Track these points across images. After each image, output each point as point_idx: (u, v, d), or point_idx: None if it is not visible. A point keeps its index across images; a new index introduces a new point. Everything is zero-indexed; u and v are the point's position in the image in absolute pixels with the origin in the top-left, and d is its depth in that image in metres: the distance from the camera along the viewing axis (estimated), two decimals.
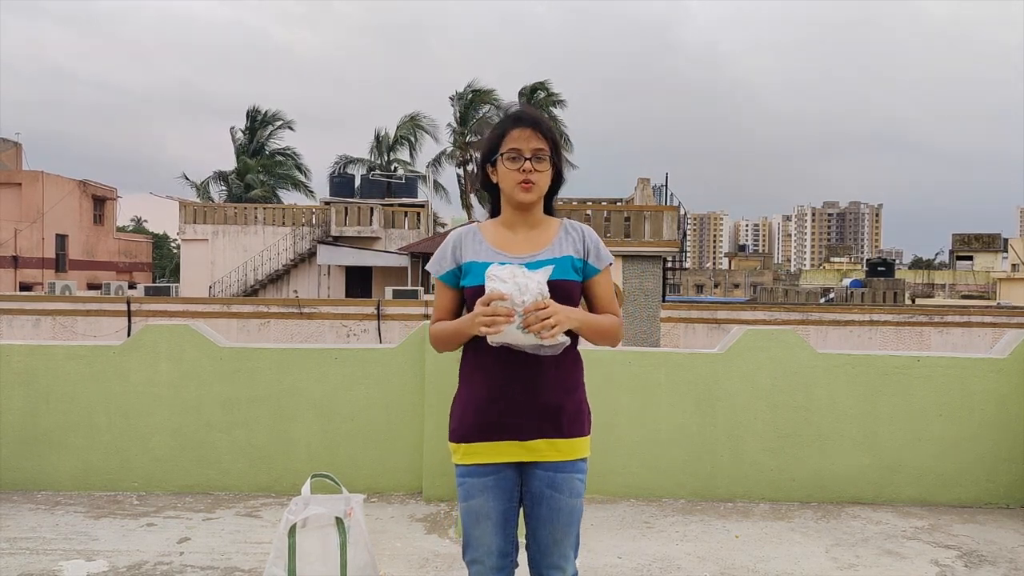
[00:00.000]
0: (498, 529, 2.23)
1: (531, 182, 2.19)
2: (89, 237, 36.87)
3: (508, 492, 2.23)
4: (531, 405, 2.17)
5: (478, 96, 38.75)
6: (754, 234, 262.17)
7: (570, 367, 2.24)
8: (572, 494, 2.21)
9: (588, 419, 2.29)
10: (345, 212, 29.74)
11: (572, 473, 2.21)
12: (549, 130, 2.23)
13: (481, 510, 2.22)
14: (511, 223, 2.27)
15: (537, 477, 2.21)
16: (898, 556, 4.01)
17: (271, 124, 42.43)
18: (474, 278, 2.19)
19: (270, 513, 4.55)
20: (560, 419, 2.20)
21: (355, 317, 18.83)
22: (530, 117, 2.24)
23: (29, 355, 4.99)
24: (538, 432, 2.19)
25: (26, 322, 18.66)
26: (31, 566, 3.71)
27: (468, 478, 2.22)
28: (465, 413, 2.24)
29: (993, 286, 46.36)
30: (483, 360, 2.20)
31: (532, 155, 2.19)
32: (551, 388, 2.18)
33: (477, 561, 2.25)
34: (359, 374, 4.99)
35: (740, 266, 75.40)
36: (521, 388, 2.17)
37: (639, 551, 4.03)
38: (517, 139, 2.20)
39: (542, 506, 2.21)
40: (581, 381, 2.29)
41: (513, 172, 2.20)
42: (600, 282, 2.26)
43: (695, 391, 4.94)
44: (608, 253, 2.29)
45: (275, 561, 2.82)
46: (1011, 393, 4.92)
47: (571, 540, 2.25)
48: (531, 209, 2.26)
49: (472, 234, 2.29)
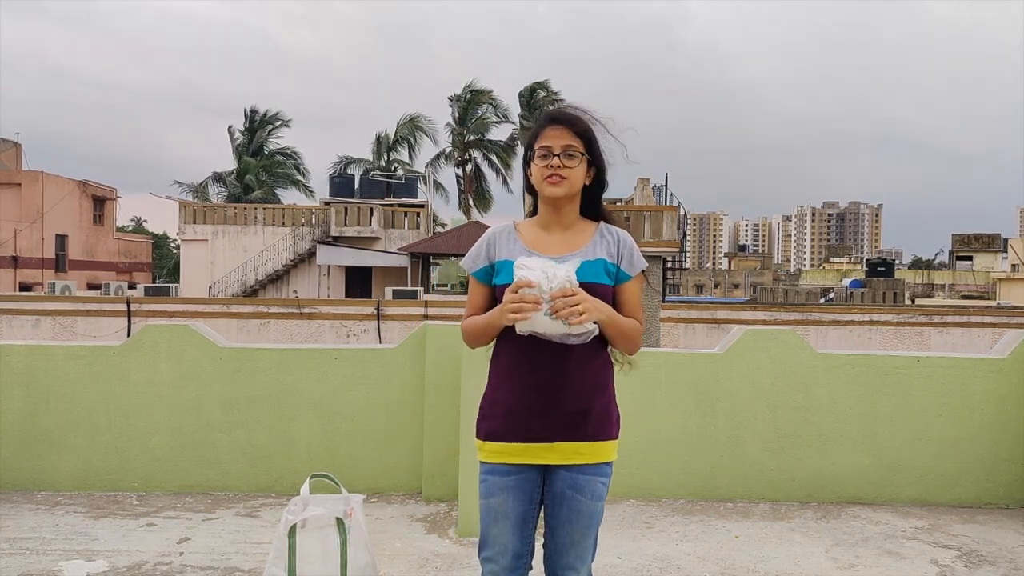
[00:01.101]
0: (515, 530, 2.23)
1: (559, 176, 2.18)
2: (89, 237, 36.86)
3: (529, 494, 2.23)
4: (558, 407, 2.17)
5: (476, 96, 38.76)
6: (754, 234, 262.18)
7: (599, 369, 2.24)
8: (594, 497, 2.21)
9: (616, 423, 2.29)
10: (345, 212, 29.75)
11: (595, 476, 2.22)
12: (584, 129, 2.21)
13: (500, 509, 2.22)
14: (547, 223, 2.27)
15: (560, 478, 2.21)
16: (898, 556, 4.01)
17: (270, 124, 42.43)
18: (506, 276, 2.18)
19: (270, 513, 4.55)
20: (586, 422, 2.20)
21: (355, 317, 18.84)
22: (564, 115, 2.23)
23: (29, 355, 4.99)
24: (563, 435, 2.19)
25: (26, 322, 18.66)
26: (31, 566, 3.71)
27: (491, 476, 2.23)
28: (493, 412, 2.24)
29: (993, 286, 46.35)
30: (512, 359, 2.21)
31: (562, 151, 2.18)
32: (578, 390, 2.18)
33: (491, 560, 2.25)
34: (359, 374, 4.98)
35: (740, 266, 75.38)
36: (549, 390, 2.17)
37: (639, 551, 4.03)
38: (549, 137, 2.20)
39: (563, 507, 2.21)
40: (610, 384, 2.29)
41: (542, 168, 2.20)
42: (629, 288, 2.25)
43: (695, 391, 4.94)
44: (642, 260, 2.27)
45: (275, 561, 2.82)
46: (1011, 393, 4.92)
47: (589, 543, 2.24)
48: (564, 208, 2.24)
49: (508, 233, 2.29)
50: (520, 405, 2.19)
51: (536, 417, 2.18)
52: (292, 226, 29.93)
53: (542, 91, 39.32)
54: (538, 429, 2.18)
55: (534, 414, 2.18)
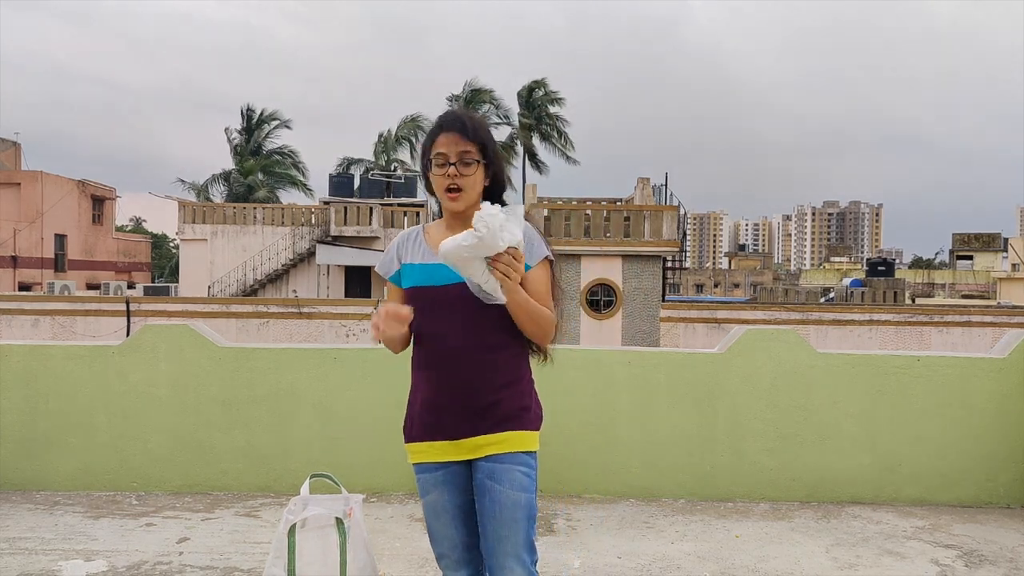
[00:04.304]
0: (456, 522, 2.28)
1: (457, 188, 2.19)
2: (88, 237, 36.87)
3: (460, 487, 2.27)
4: (466, 406, 2.21)
5: (476, 95, 38.73)
6: (754, 234, 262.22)
7: (508, 361, 2.24)
8: (514, 486, 2.19)
9: (534, 414, 2.28)
10: (344, 212, 29.73)
11: (512, 465, 2.21)
12: (476, 132, 2.21)
13: (437, 504, 2.28)
14: (451, 224, 2.28)
15: (479, 469, 2.23)
16: (898, 556, 4.01)
17: (268, 123, 42.38)
18: (409, 280, 2.26)
19: (269, 513, 4.54)
20: (495, 416, 2.21)
21: (354, 317, 18.84)
22: (456, 120, 2.22)
23: (28, 355, 4.99)
24: (473, 431, 2.21)
25: (25, 322, 18.66)
26: (30, 566, 3.71)
27: (421, 475, 2.31)
28: (410, 414, 2.33)
29: (993, 286, 46.39)
30: (423, 361, 2.27)
31: (457, 159, 2.19)
32: (486, 388, 2.21)
33: (444, 555, 2.31)
34: (359, 374, 4.98)
35: (740, 266, 75.41)
36: (456, 387, 2.21)
37: (639, 551, 4.03)
38: (443, 144, 2.20)
39: (485, 498, 2.22)
40: (524, 376, 2.29)
41: (439, 177, 2.21)
42: (534, 276, 2.21)
43: (695, 391, 4.93)
44: (544, 248, 2.24)
45: (274, 561, 2.81)
46: (1011, 393, 4.91)
47: (519, 537, 2.20)
48: (466, 212, 2.23)
49: (414, 236, 2.33)
50: (430, 404, 2.25)
51: (445, 414, 2.23)
52: (291, 226, 29.91)
53: (540, 89, 39.29)
54: (448, 426, 2.23)
55: (443, 411, 2.23)
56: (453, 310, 2.19)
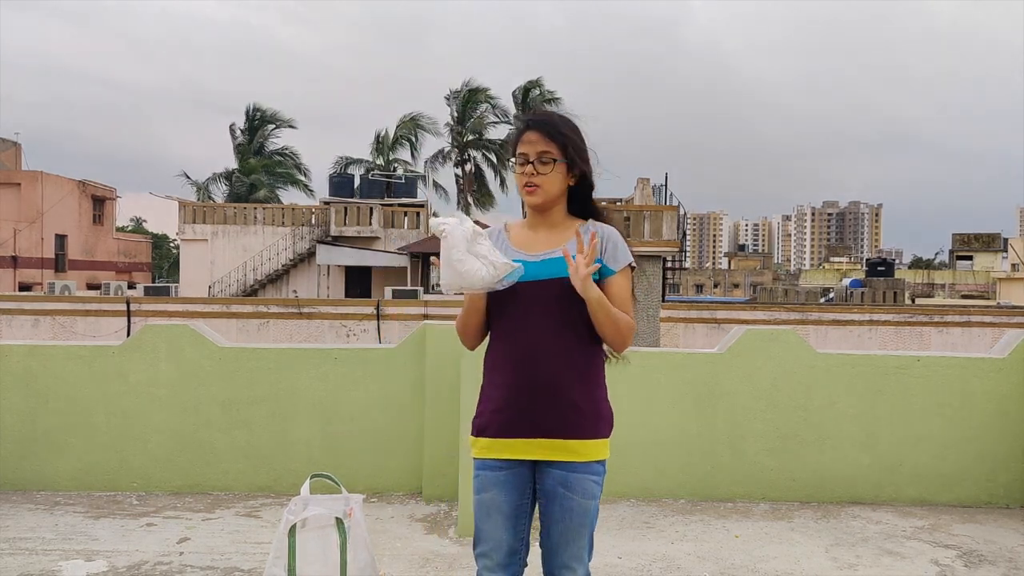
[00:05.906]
0: (508, 524, 2.25)
1: (534, 185, 2.22)
2: (88, 237, 36.85)
3: (520, 488, 2.25)
4: (545, 404, 2.19)
5: (474, 95, 38.72)
6: (754, 234, 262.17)
7: (588, 365, 2.25)
8: (585, 495, 2.21)
9: (607, 421, 2.29)
10: (344, 212, 29.72)
11: (585, 474, 2.22)
12: (559, 132, 2.23)
13: (493, 503, 2.24)
14: (533, 224, 2.32)
15: (551, 476, 2.22)
16: (898, 556, 4.01)
17: (271, 123, 42.38)
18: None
19: (270, 513, 4.55)
20: (575, 420, 2.20)
21: (355, 317, 18.82)
22: (538, 120, 2.27)
23: (28, 355, 4.99)
24: (551, 432, 2.20)
25: (25, 322, 18.64)
26: (31, 566, 3.71)
27: (483, 471, 2.26)
28: (483, 408, 2.28)
29: (993, 286, 46.35)
30: (501, 355, 2.24)
31: (536, 158, 2.22)
32: (567, 387, 2.20)
33: (485, 555, 2.27)
34: (359, 374, 4.98)
35: (740, 266, 75.38)
36: (536, 386, 2.19)
37: (639, 551, 4.03)
38: (525, 143, 2.24)
39: (555, 504, 2.22)
40: (601, 382, 2.30)
41: (519, 175, 2.25)
42: (616, 282, 2.24)
43: (695, 391, 4.93)
44: (627, 255, 2.27)
45: (275, 561, 2.81)
46: (1011, 393, 4.92)
47: (583, 542, 2.25)
48: (547, 211, 2.29)
49: (497, 234, 2.35)
50: (508, 401, 2.22)
51: (523, 413, 2.20)
52: (292, 226, 29.90)
53: (536, 89, 39.26)
54: (525, 425, 2.20)
55: (521, 410, 2.20)
56: (535, 308, 2.20)
